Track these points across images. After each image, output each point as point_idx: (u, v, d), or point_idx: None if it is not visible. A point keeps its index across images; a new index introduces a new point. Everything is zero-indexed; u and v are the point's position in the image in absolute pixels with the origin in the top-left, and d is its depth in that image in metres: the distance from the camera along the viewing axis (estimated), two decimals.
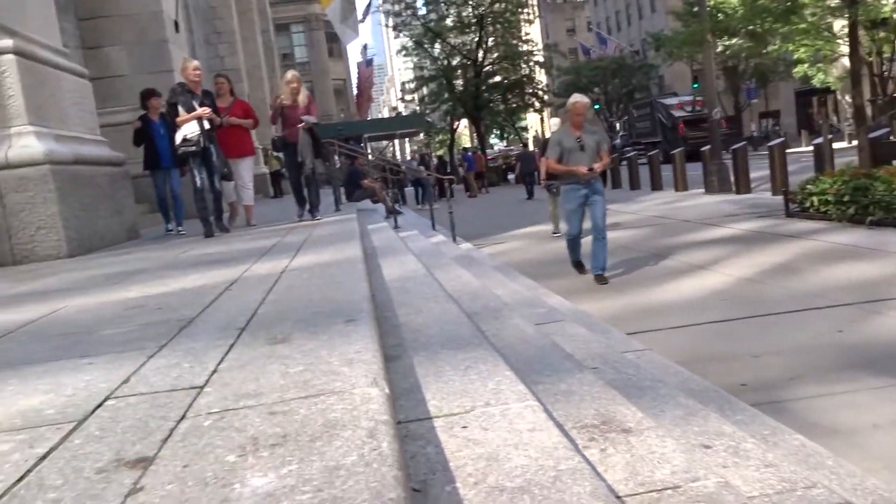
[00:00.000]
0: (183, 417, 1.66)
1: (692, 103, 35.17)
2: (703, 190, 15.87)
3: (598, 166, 7.20)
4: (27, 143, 6.62)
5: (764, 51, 24.81)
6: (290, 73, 8.96)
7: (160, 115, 8.83)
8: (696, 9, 22.96)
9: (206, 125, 7.52)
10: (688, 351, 4.46)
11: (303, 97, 8.66)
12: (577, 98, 7.35)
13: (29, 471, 1.44)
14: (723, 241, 8.91)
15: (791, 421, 3.01)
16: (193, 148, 7.41)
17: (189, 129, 7.41)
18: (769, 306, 5.47)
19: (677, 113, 34.81)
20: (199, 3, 19.70)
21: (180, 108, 7.49)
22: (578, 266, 7.70)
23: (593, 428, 2.06)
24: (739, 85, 42.67)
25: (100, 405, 1.84)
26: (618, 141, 41.54)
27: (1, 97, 6.63)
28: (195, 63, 7.89)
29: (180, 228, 8.88)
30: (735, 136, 27.83)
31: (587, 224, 7.38)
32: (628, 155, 23.26)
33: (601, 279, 7.10)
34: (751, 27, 15.91)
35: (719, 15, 21.55)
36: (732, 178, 15.00)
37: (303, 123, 8.45)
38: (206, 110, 7.54)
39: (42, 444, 1.59)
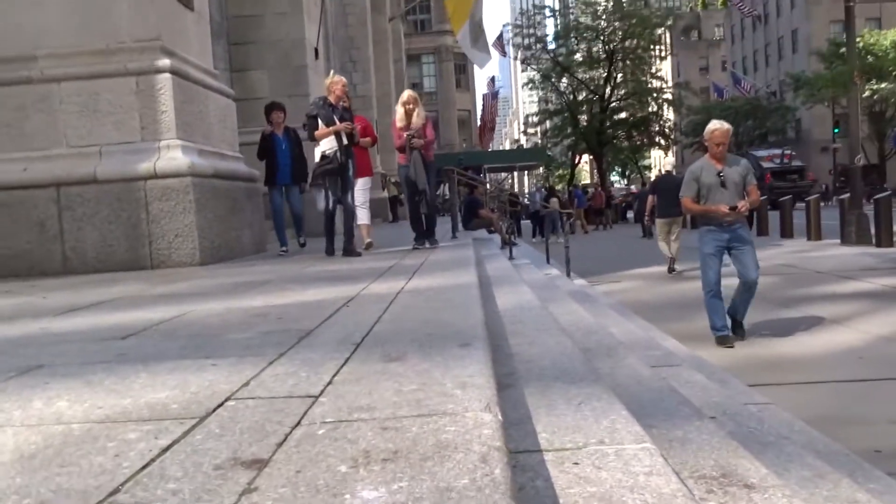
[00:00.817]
0: (298, 424, 1.69)
1: (780, 156, 37.16)
2: (838, 240, 14.93)
3: (742, 205, 6.03)
4: (174, 156, 7.09)
5: None
6: (406, 93, 8.30)
7: (284, 129, 8.71)
8: (842, 50, 21.98)
9: (345, 140, 7.41)
10: (816, 409, 4.16)
11: (417, 118, 8.00)
12: (716, 125, 6.17)
13: (152, 460, 1.51)
14: (860, 296, 8.30)
15: None
16: (330, 166, 7.32)
17: (327, 145, 7.33)
18: None
19: (766, 164, 36.07)
20: (338, 32, 20.65)
21: (320, 122, 7.40)
22: (724, 339, 6.09)
23: (712, 479, 1.95)
24: (885, 131, 40.27)
25: (220, 405, 1.91)
26: None
27: (155, 112, 7.16)
28: (343, 80, 7.77)
29: (302, 241, 9.11)
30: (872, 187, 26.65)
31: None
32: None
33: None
34: None
35: (868, 57, 20.46)
36: (873, 230, 14.04)
37: (409, 141, 7.87)
38: (346, 124, 7.44)
39: (165, 437, 1.67)
